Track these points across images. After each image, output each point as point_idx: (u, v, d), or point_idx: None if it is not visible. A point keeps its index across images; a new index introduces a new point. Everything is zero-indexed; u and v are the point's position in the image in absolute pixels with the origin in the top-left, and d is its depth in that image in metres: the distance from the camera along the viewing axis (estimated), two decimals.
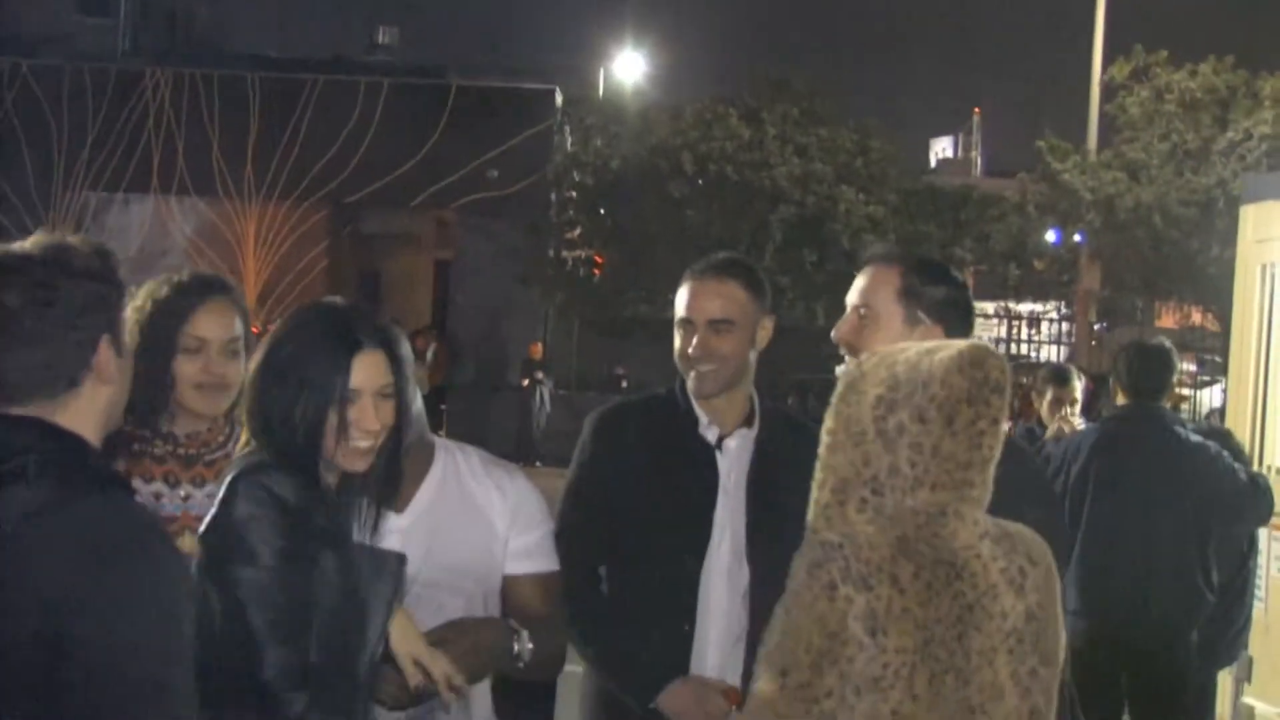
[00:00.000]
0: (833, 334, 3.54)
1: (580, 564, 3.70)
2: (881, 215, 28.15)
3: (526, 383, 24.68)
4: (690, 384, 3.72)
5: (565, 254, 30.07)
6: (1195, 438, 6.49)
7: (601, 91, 34.30)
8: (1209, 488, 6.21)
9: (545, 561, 3.42)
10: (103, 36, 31.21)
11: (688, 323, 3.75)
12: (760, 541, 3.64)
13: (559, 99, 31.21)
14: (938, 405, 2.62)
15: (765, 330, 3.83)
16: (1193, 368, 27.09)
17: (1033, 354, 33.26)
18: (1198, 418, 19.68)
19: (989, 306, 33.27)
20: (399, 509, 3.32)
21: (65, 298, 2.28)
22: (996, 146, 44.74)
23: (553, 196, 30.04)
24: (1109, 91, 28.15)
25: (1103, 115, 28.55)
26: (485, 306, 29.15)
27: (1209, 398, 22.65)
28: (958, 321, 3.47)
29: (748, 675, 3.42)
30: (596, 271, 30.13)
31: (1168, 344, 7.17)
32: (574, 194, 29.99)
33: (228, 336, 3.39)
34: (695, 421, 3.72)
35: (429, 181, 30.12)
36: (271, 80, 30.18)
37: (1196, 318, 30.90)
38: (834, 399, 2.79)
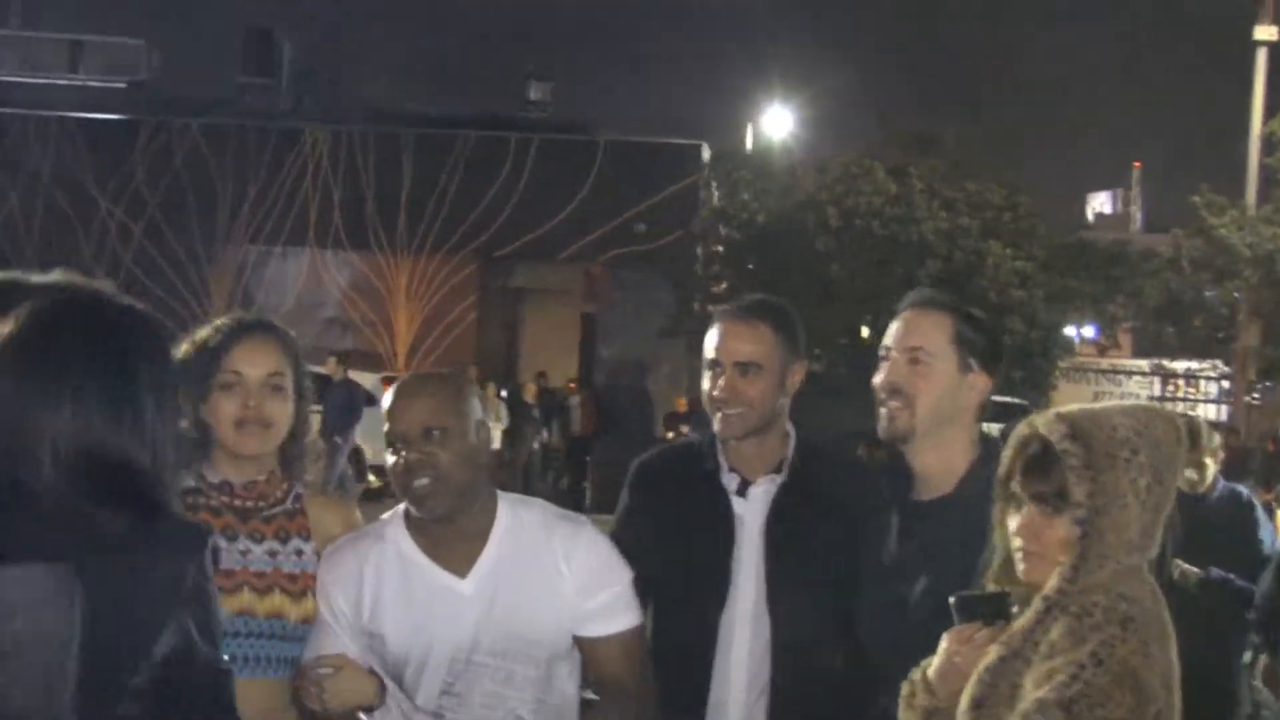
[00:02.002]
0: (876, 379, 3.39)
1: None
2: (1030, 270, 27.36)
3: (671, 435, 23.86)
4: (716, 426, 3.59)
5: (711, 307, 29.36)
6: None
7: (749, 145, 34.06)
8: None
9: (624, 619, 3.29)
10: (265, 96, 31.78)
11: (715, 364, 3.62)
12: (782, 591, 3.54)
13: (706, 153, 30.99)
14: (1167, 469, 2.69)
15: (796, 375, 3.69)
16: None
17: (1190, 412, 31.24)
18: None
19: (1144, 364, 32.54)
20: (462, 573, 3.23)
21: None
22: (1156, 202, 44.31)
23: (699, 250, 29.71)
24: (1269, 145, 27.26)
25: (1262, 169, 27.59)
26: (631, 359, 29.16)
27: None
28: (997, 370, 3.45)
29: None
30: None
31: None
32: (720, 248, 29.68)
33: (266, 372, 3.25)
34: (719, 467, 3.60)
35: (577, 235, 30.16)
36: (425, 137, 30.36)
37: None
38: (1075, 461, 2.68)
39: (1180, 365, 31.91)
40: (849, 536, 3.47)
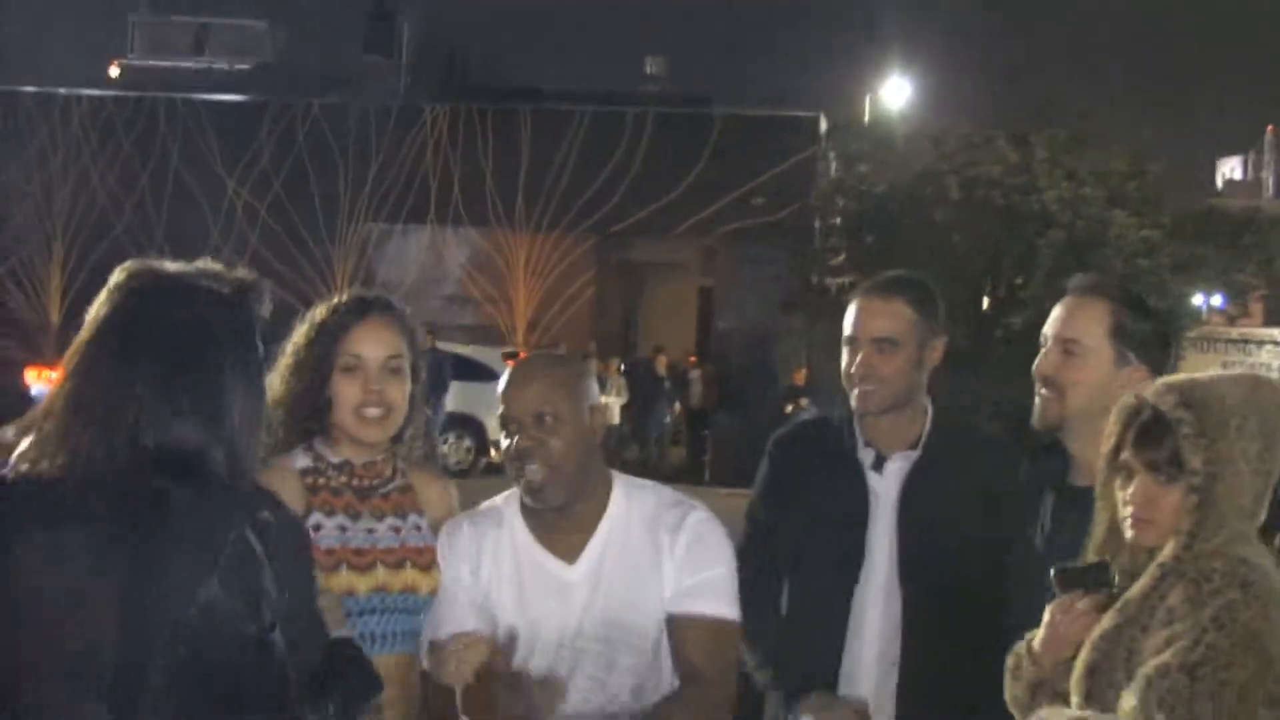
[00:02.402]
0: (1035, 367, 3.37)
1: (753, 573, 3.55)
2: (1157, 238, 26.67)
3: (790, 409, 23.95)
4: (854, 402, 3.61)
5: (829, 281, 28.94)
6: None
7: (867, 117, 33.65)
8: None
9: (718, 605, 3.18)
10: (385, 76, 32.41)
11: (853, 340, 3.64)
12: (914, 566, 3.57)
13: (823, 125, 30.61)
14: (1276, 436, 2.69)
15: (935, 351, 3.67)
16: None
17: None
18: None
19: (1276, 333, 31.06)
20: (571, 560, 3.23)
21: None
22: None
23: (816, 224, 29.35)
24: None
25: None
26: (749, 332, 28.83)
27: None
28: (1162, 360, 3.36)
29: (901, 702, 3.51)
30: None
31: None
32: (838, 220, 29.21)
33: (386, 354, 3.22)
34: (855, 443, 3.63)
35: (694, 210, 30.09)
36: (542, 113, 30.50)
37: None
38: (1188, 430, 2.69)
39: None
40: (985, 514, 3.45)
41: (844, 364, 3.68)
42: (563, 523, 3.27)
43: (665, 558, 3.23)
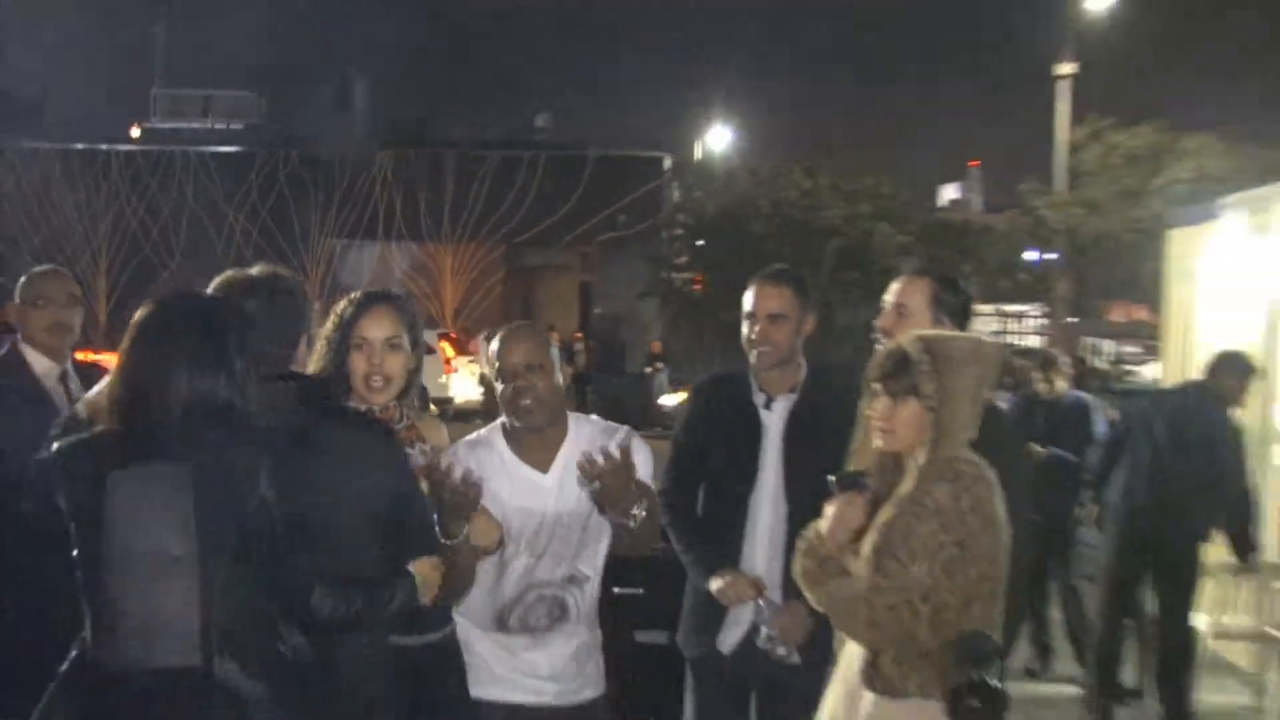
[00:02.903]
0: (876, 321, 3.76)
1: (678, 482, 4.08)
2: (907, 243, 30.26)
3: (649, 370, 25.72)
4: (752, 360, 3.90)
5: (674, 276, 32.72)
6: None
7: (698, 155, 36.68)
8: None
9: (647, 476, 3.54)
10: (345, 131, 34.86)
11: (751, 315, 3.99)
12: (794, 477, 3.84)
13: (667, 163, 33.97)
14: (988, 379, 3.13)
15: (808, 324, 3.99)
16: (1138, 349, 28.19)
17: (1019, 342, 31.56)
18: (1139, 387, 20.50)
19: (987, 308, 33.07)
20: (544, 469, 3.59)
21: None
22: (989, 191, 45.25)
23: (664, 235, 32.95)
24: (1073, 147, 29.85)
25: (1070, 165, 30.08)
26: (618, 316, 31.69)
27: (1150, 371, 23.31)
28: (963, 322, 3.73)
29: (785, 578, 3.62)
30: (696, 288, 32.07)
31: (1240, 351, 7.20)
32: (680, 232, 32.59)
33: (385, 335, 3.41)
34: (752, 389, 3.92)
35: (574, 226, 33.22)
36: (462, 156, 33.27)
37: (1140, 314, 30.99)
38: (925, 367, 3.08)
39: (1012, 308, 34.22)
40: (846, 437, 3.57)
41: (745, 332, 3.98)
42: (536, 443, 3.60)
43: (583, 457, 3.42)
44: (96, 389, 3.48)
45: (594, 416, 3.77)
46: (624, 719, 4.09)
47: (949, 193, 44.68)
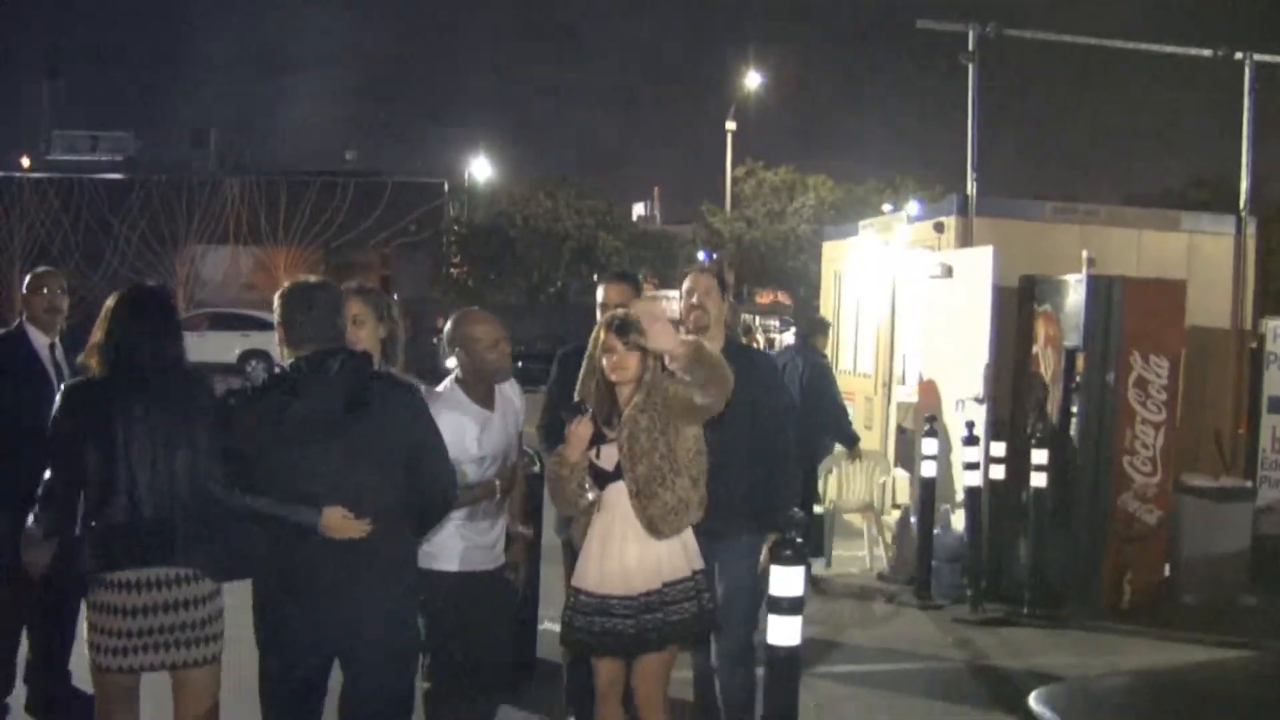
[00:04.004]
0: (683, 308, 4.84)
1: (550, 427, 5.06)
2: (620, 246, 38.52)
3: (435, 340, 30.63)
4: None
5: (453, 271, 39.56)
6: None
7: (468, 180, 44.56)
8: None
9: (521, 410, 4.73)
10: (202, 162, 41.12)
11: (604, 306, 4.94)
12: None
13: (446, 186, 41.33)
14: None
15: (725, 305, 4.92)
16: (777, 322, 35.87)
17: None
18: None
19: (674, 293, 39.73)
20: (490, 409, 4.72)
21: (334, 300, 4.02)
22: (671, 208, 53.84)
23: (444, 240, 39.68)
24: (736, 179, 38.45)
25: (734, 192, 38.84)
26: (411, 301, 28.68)
27: (787, 337, 28.01)
28: (728, 298, 4.83)
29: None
30: (469, 281, 38.09)
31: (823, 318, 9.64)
32: (454, 238, 39.56)
33: (351, 314, 4.43)
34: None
35: (377, 233, 39.57)
36: (291, 182, 39.41)
37: (779, 297, 39.94)
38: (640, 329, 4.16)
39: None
40: (747, 388, 4.60)
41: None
42: (484, 393, 4.69)
43: (514, 397, 4.84)
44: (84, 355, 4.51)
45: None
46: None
47: (638, 209, 53.04)
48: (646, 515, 4.38)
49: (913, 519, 9.58)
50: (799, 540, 4.29)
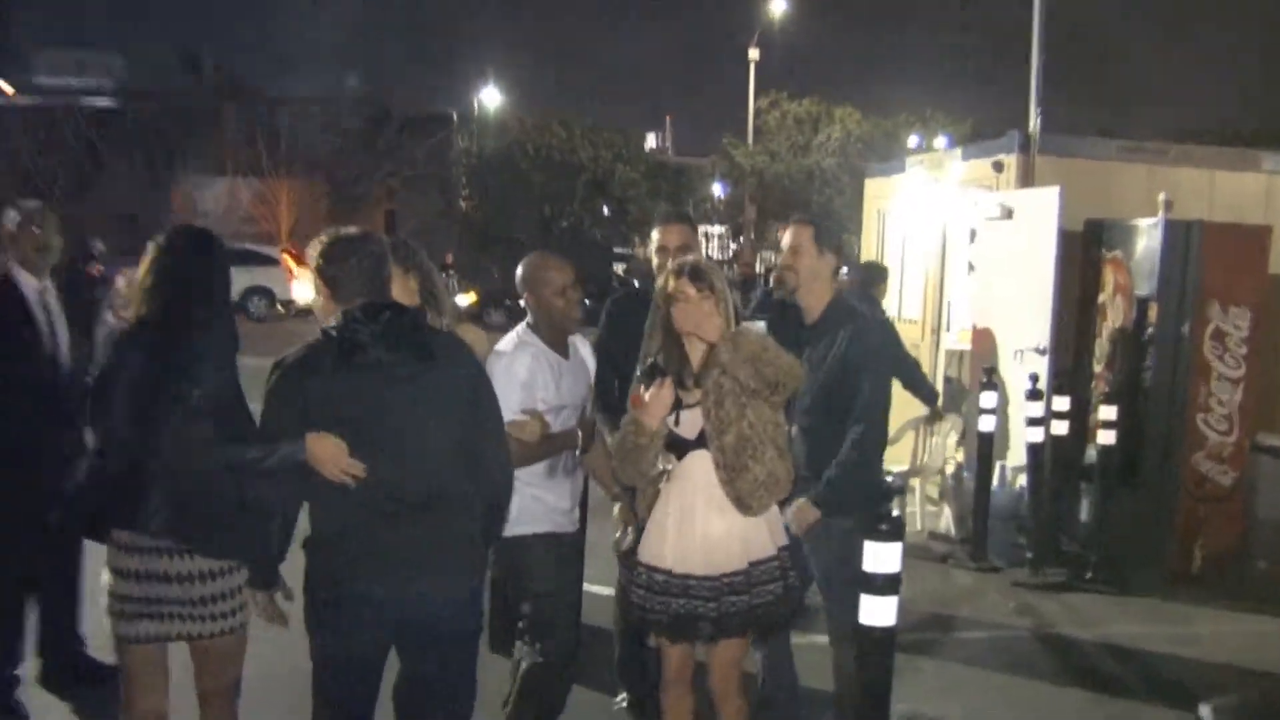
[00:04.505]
0: (780, 260, 4.64)
1: (606, 380, 4.90)
2: (637, 177, 38.49)
3: (443, 276, 34.96)
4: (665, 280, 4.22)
5: (462, 203, 39.76)
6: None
7: (477, 110, 44.73)
8: None
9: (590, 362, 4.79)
10: (196, 87, 41.35)
11: (664, 249, 4.87)
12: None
13: (455, 117, 42.30)
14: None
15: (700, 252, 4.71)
16: None
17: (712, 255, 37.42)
18: None
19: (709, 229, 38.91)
20: (566, 357, 4.69)
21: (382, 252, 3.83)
22: (683, 139, 54.42)
23: (455, 170, 40.48)
24: (758, 111, 37.81)
25: (755, 124, 38.33)
26: (420, 233, 33.12)
27: None
28: (838, 252, 4.66)
29: None
30: (477, 213, 38.37)
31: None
32: (464, 169, 39.51)
33: (399, 271, 4.24)
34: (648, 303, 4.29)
35: (385, 167, 40.08)
36: (294, 111, 39.86)
37: None
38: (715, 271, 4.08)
39: (709, 229, 40.15)
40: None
41: (657, 263, 4.91)
42: (556, 339, 4.65)
43: (585, 352, 4.80)
44: (119, 284, 5.06)
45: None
46: None
47: (650, 140, 52.82)
48: (735, 489, 4.13)
49: (966, 474, 9.24)
50: (895, 514, 4.03)
